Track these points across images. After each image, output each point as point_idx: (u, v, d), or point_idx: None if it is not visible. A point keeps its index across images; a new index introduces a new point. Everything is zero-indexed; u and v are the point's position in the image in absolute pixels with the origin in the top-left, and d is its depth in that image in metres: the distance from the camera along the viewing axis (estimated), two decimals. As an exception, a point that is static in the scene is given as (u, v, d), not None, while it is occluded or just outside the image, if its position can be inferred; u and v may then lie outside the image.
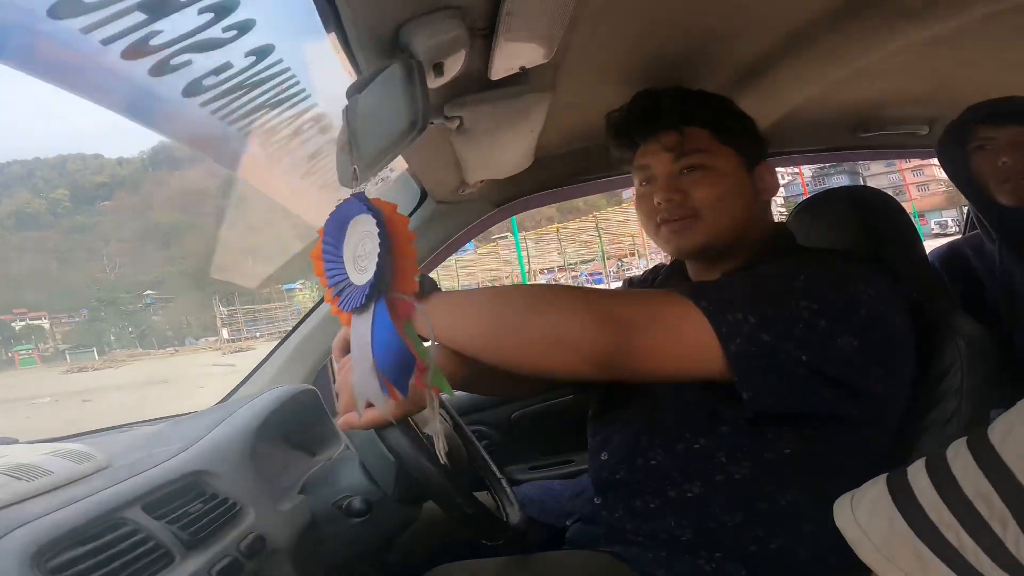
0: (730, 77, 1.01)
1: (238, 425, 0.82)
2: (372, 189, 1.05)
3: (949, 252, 1.24)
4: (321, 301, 1.24)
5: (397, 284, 0.55)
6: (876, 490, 0.40)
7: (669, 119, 0.80)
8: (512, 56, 0.67)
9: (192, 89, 0.64)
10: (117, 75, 0.61)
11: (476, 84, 0.76)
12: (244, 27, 0.55)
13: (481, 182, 1.10)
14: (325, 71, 0.71)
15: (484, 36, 0.64)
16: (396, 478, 0.87)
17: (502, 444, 1.37)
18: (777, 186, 0.85)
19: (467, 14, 0.58)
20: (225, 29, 0.54)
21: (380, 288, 0.54)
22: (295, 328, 1.25)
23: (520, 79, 0.75)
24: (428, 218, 1.19)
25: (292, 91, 0.71)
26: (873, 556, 0.37)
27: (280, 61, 0.65)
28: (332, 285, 0.59)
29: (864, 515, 0.39)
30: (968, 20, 0.85)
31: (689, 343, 0.61)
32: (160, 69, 0.57)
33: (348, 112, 0.56)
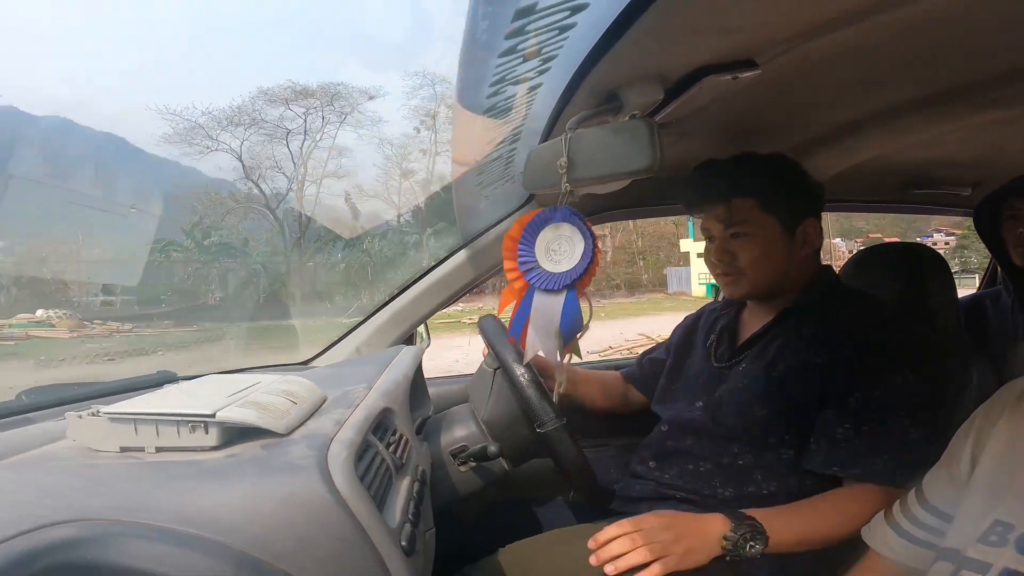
0: (810, 137, 1.11)
1: (401, 371, 0.94)
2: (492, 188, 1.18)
3: (972, 301, 1.41)
4: (421, 276, 1.38)
5: (584, 281, 0.73)
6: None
7: (720, 193, 0.99)
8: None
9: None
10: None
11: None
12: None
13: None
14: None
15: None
16: (514, 434, 1.02)
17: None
18: (820, 241, 1.02)
19: (667, 80, 0.73)
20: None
21: (575, 283, 0.72)
22: (395, 296, 1.39)
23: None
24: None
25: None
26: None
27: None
28: (522, 263, 0.75)
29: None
30: None
31: None
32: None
33: (571, 142, 0.70)
